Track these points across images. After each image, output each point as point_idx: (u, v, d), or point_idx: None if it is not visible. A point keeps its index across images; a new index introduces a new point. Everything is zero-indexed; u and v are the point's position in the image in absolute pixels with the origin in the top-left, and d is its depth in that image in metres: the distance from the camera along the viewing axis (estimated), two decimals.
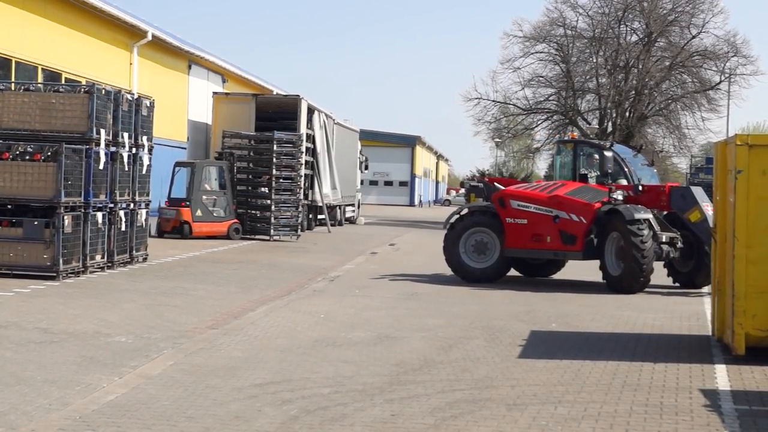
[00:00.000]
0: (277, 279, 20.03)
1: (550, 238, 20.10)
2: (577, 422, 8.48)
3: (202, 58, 39.48)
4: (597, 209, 19.77)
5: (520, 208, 20.40)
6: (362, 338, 12.80)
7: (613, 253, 19.35)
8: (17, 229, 18.04)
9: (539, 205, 20.25)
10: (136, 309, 14.76)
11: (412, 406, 8.95)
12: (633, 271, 18.79)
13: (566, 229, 19.93)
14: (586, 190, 20.62)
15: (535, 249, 20.48)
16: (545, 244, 20.22)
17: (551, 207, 20.11)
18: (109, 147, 19.39)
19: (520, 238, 20.32)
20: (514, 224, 20.36)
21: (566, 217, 19.91)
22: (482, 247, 20.77)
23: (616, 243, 19.27)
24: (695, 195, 19.58)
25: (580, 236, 19.80)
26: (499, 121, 62.66)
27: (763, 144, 11.64)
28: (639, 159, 22.31)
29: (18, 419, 8.15)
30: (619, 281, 19.06)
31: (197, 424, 8.16)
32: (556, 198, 20.24)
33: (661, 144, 60.92)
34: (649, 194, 20.16)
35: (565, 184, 21.22)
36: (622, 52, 57.42)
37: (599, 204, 19.86)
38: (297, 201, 32.63)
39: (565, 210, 19.95)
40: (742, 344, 11.40)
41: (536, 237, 20.20)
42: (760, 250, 11.43)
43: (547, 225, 20.10)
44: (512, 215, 20.42)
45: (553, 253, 20.50)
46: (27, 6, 25.88)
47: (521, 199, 20.54)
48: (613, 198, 19.78)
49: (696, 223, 19.27)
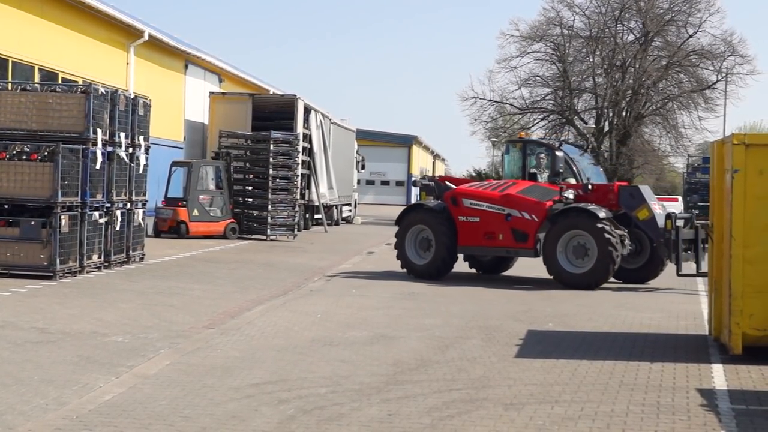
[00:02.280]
0: (273, 279, 20.02)
1: (502, 236, 20.58)
2: (574, 422, 8.49)
3: (198, 58, 39.48)
4: (548, 208, 20.21)
5: (473, 206, 20.87)
6: (359, 338, 12.80)
7: (568, 252, 19.78)
8: (14, 229, 18.04)
9: (491, 203, 20.70)
10: (132, 309, 14.76)
11: (409, 406, 8.95)
12: (605, 268, 19.29)
13: (518, 227, 20.39)
14: (536, 189, 21.02)
15: (487, 246, 20.97)
16: (497, 242, 20.67)
17: (503, 205, 20.56)
18: (105, 147, 19.38)
19: (472, 236, 20.80)
20: (467, 222, 20.85)
21: (518, 215, 20.38)
22: (427, 245, 21.26)
23: (571, 241, 19.73)
24: (643, 193, 20.24)
25: (531, 234, 20.28)
26: (495, 121, 62.64)
27: (760, 143, 11.65)
28: (586, 158, 22.74)
29: (15, 419, 8.14)
30: (584, 278, 19.46)
31: (194, 424, 8.16)
32: (508, 197, 20.68)
33: (658, 143, 60.99)
34: (598, 193, 20.68)
35: (517, 182, 21.61)
36: (619, 51, 57.42)
37: (551, 203, 20.31)
38: (294, 201, 32.63)
39: (517, 208, 20.41)
40: (739, 344, 11.41)
41: (489, 235, 20.68)
42: (757, 249, 11.44)
43: (499, 223, 20.57)
44: (465, 213, 20.89)
45: (506, 250, 21.01)
46: (24, 6, 25.87)
47: (474, 197, 21.01)
48: (565, 197, 20.31)
49: (644, 221, 19.86)
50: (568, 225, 19.74)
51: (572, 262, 19.74)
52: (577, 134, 60.09)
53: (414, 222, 21.49)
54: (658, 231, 19.51)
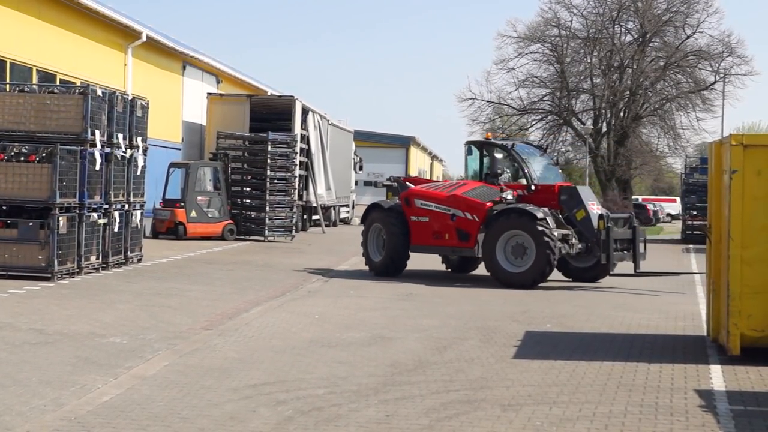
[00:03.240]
0: (271, 280, 20.02)
1: (448, 236, 20.96)
2: (572, 423, 8.48)
3: (196, 59, 39.45)
4: (488, 208, 20.48)
5: (423, 206, 21.36)
6: (357, 339, 12.80)
7: (507, 251, 20.03)
8: (12, 231, 18.04)
9: (439, 203, 21.15)
10: (130, 310, 14.75)
11: (407, 407, 8.95)
12: (543, 268, 19.55)
13: (462, 227, 20.73)
14: (482, 189, 21.32)
15: (436, 246, 21.39)
16: (444, 241, 21.09)
17: (449, 206, 20.97)
18: (103, 148, 19.39)
19: (423, 236, 21.28)
20: (418, 222, 21.37)
21: (462, 215, 20.74)
22: (383, 243, 21.86)
23: (510, 241, 19.98)
24: (580, 194, 20.47)
25: (473, 234, 20.55)
26: (493, 122, 62.72)
27: (757, 144, 11.65)
28: (545, 159, 22.93)
29: (13, 420, 8.13)
30: (522, 277, 19.70)
31: (192, 425, 8.15)
32: (453, 197, 21.08)
33: (656, 144, 61.04)
34: (541, 193, 20.93)
35: (466, 183, 22.14)
36: (617, 52, 57.49)
37: (491, 203, 20.58)
38: (291, 202, 32.64)
39: (461, 209, 20.78)
40: (737, 345, 11.41)
41: (437, 234, 21.11)
42: (755, 250, 11.44)
43: (445, 223, 20.97)
44: (416, 213, 21.40)
45: (451, 249, 21.39)
46: (21, 7, 25.86)
47: (424, 198, 21.48)
48: (504, 198, 20.61)
49: (581, 221, 20.13)
50: (508, 225, 20.03)
51: (511, 262, 20.00)
52: (575, 135, 60.17)
53: (374, 221, 22.18)
54: (593, 231, 19.80)
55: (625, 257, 20.30)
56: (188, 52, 38.24)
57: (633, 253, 20.40)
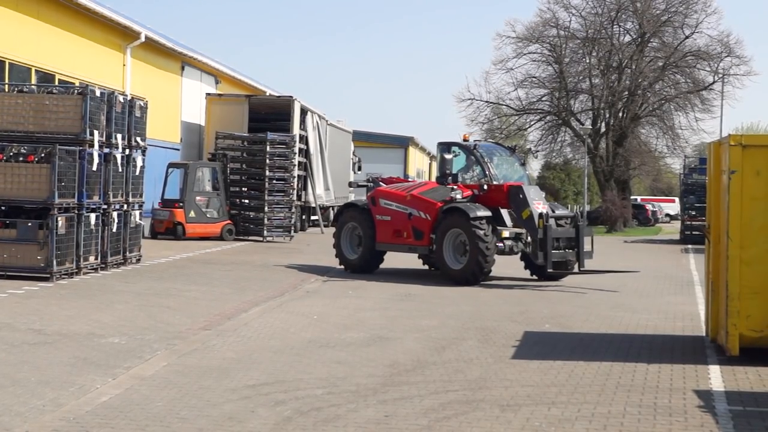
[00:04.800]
0: (270, 280, 20.02)
1: (406, 234, 21.73)
2: (571, 423, 8.49)
3: (195, 59, 39.42)
4: (439, 207, 21.04)
5: (386, 206, 22.20)
6: (355, 339, 12.80)
7: (451, 249, 20.59)
8: (11, 231, 18.02)
9: (399, 203, 21.96)
10: (129, 310, 14.75)
11: (406, 407, 8.95)
12: (478, 264, 19.97)
13: (417, 226, 21.47)
14: (437, 189, 21.89)
15: (396, 244, 22.07)
16: (403, 240, 21.84)
17: (407, 205, 21.79)
18: (102, 148, 19.38)
19: (385, 234, 22.06)
20: (382, 221, 22.16)
21: (417, 214, 21.52)
22: (358, 241, 22.63)
23: (455, 239, 20.53)
24: (526, 194, 20.71)
25: (426, 232, 21.26)
26: (492, 122, 62.68)
27: (756, 144, 11.66)
28: (514, 159, 23.14)
29: (12, 420, 8.13)
30: (462, 274, 20.17)
31: (191, 425, 8.15)
32: (411, 197, 21.86)
33: (655, 144, 61.01)
34: (493, 193, 21.31)
35: (426, 183, 23.10)
36: (615, 52, 57.45)
37: (442, 203, 21.10)
38: (290, 202, 32.65)
39: (416, 208, 21.58)
40: (736, 345, 11.41)
41: (397, 233, 21.88)
42: (753, 250, 11.44)
43: (404, 222, 21.75)
44: (380, 212, 22.24)
45: (408, 247, 21.95)
46: (20, 8, 25.84)
47: (387, 197, 22.30)
48: (454, 197, 21.11)
49: (525, 220, 20.48)
50: (451, 223, 20.58)
51: (456, 259, 20.54)
52: (573, 135, 60.16)
53: (347, 219, 22.84)
54: (536, 230, 20.07)
55: (567, 256, 20.47)
56: (187, 53, 38.21)
57: (577, 251, 20.51)
